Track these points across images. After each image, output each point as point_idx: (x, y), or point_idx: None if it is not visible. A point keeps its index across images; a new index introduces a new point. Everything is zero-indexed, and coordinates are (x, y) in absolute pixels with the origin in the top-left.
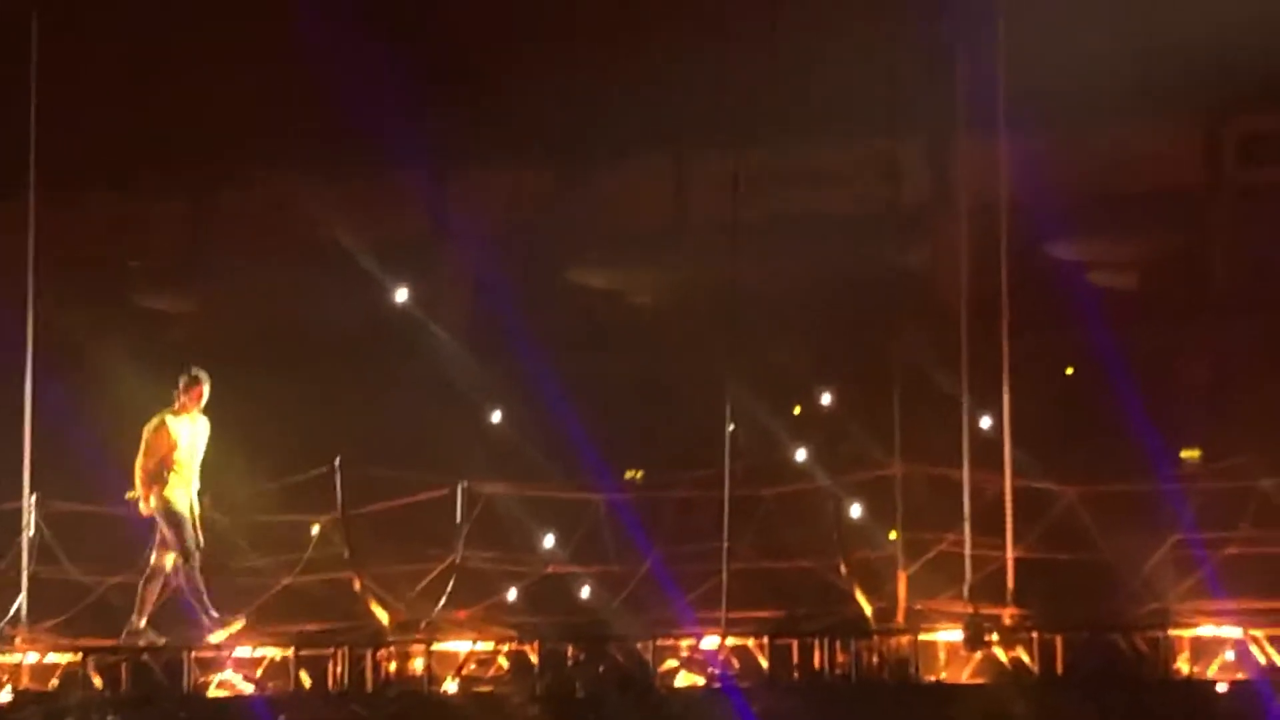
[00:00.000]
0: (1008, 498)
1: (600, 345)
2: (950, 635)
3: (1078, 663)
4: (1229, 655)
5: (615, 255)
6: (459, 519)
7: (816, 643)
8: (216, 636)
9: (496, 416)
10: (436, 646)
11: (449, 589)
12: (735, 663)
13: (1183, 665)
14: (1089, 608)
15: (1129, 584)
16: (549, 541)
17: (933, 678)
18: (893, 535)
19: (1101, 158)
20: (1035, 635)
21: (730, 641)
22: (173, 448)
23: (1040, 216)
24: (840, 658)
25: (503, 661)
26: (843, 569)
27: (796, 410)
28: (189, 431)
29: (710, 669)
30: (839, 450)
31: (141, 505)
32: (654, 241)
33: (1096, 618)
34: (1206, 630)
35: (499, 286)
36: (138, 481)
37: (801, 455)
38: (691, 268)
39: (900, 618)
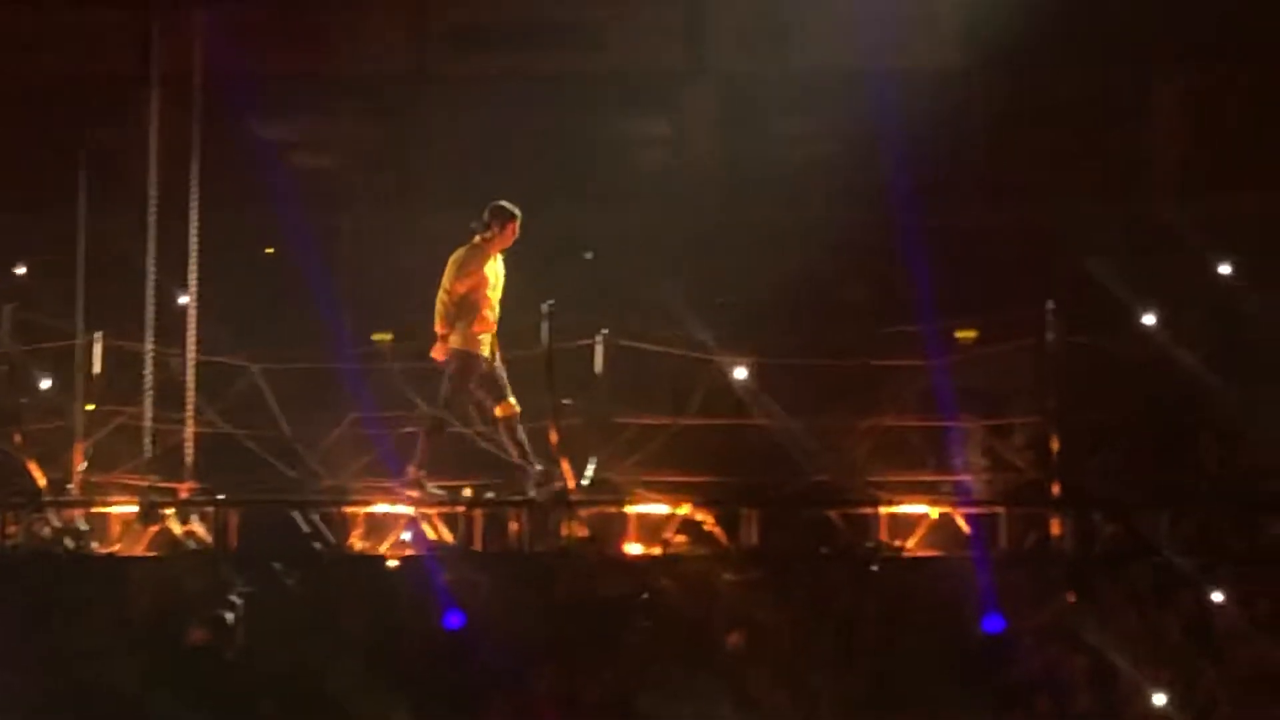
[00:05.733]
0: (190, 372)
1: None
2: (127, 508)
3: (253, 537)
4: (406, 535)
5: None
6: None
7: None
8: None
9: None
10: None
11: None
12: None
13: (356, 542)
14: (265, 482)
15: (308, 460)
16: None
17: (108, 550)
18: (90, 407)
19: (307, 37)
20: (212, 510)
21: None
22: (483, 282)
23: (243, 93)
24: (11, 529)
25: None
26: (17, 439)
27: None
28: (494, 271)
29: None
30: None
31: (437, 347)
32: None
33: (272, 493)
34: (381, 508)
35: None
36: (439, 317)
37: None
38: None
39: (76, 489)
